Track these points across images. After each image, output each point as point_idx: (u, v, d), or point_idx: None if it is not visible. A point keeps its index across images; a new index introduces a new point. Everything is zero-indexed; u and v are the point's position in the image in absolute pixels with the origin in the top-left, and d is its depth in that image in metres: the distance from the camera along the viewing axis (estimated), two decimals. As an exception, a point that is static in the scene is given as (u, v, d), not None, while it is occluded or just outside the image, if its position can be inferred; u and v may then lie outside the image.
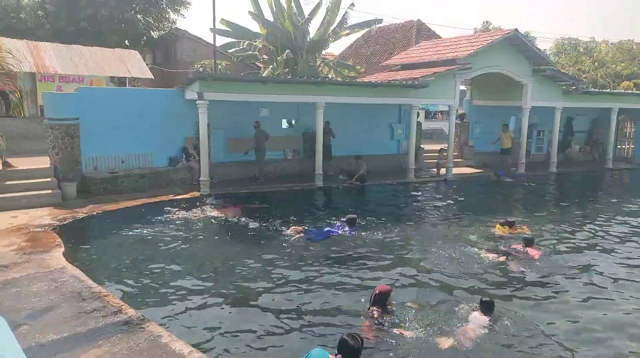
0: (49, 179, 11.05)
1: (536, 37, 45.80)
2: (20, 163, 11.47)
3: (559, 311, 6.44)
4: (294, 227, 9.47)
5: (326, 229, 9.57)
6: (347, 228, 9.48)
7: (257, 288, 6.84)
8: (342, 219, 9.97)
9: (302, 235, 9.15)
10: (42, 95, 13.17)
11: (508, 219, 10.14)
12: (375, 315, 5.71)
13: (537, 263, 8.12)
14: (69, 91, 14.07)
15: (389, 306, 5.87)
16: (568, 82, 18.37)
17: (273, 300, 6.48)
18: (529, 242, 8.54)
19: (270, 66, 22.29)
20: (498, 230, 9.95)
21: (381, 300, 5.81)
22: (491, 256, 8.38)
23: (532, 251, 8.42)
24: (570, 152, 20.95)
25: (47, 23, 24.41)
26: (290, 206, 12.15)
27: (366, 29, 26.18)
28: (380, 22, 24.42)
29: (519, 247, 8.58)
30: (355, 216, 9.82)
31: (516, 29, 16.33)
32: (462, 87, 18.67)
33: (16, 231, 8.48)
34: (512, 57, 16.77)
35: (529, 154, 19.16)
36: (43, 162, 11.66)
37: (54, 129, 11.40)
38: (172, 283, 6.91)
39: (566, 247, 9.31)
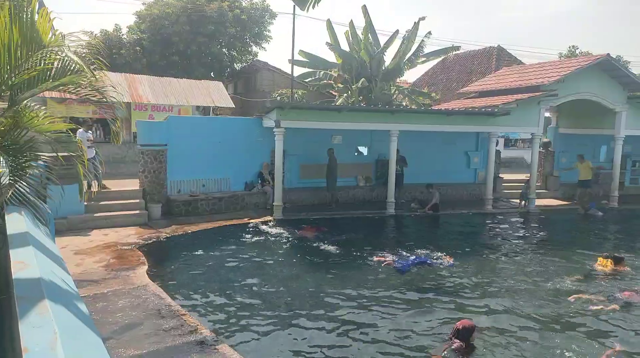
0: (137, 201, 11.90)
1: (630, 62, 42.61)
2: (114, 185, 12.47)
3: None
4: (377, 258, 9.43)
5: (412, 259, 9.42)
6: (430, 261, 9.37)
7: (333, 313, 6.79)
8: (424, 251, 9.94)
9: (389, 263, 9.11)
10: (135, 123, 14.34)
11: (616, 254, 9.28)
12: (456, 346, 5.54)
13: None
14: (159, 119, 15.20)
15: (472, 343, 5.66)
16: (669, 109, 16.78)
17: (346, 328, 6.39)
18: None
19: (345, 94, 22.63)
20: (600, 263, 9.17)
21: (464, 336, 5.61)
22: (594, 299, 7.59)
23: None
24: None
25: (143, 57, 26.79)
26: (363, 233, 12.04)
27: (443, 56, 25.86)
28: (458, 49, 24.00)
29: (634, 293, 7.69)
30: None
31: (608, 54, 15.32)
32: (547, 114, 17.72)
33: (106, 248, 9.17)
34: (603, 84, 15.71)
35: (622, 187, 17.62)
36: (133, 184, 12.60)
37: (145, 154, 12.31)
38: (245, 305, 7.05)
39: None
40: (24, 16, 4.01)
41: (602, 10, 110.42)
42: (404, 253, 9.78)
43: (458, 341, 5.60)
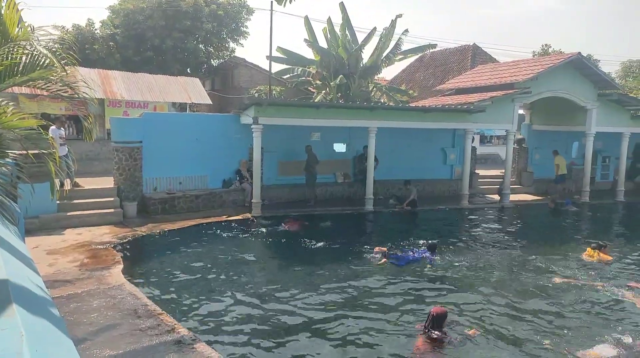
0: (112, 199, 11.66)
1: (600, 60, 43.90)
2: (87, 183, 12.19)
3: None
4: (378, 248, 9.51)
5: (410, 254, 9.55)
6: (427, 254, 9.50)
7: (312, 310, 6.79)
8: (422, 243, 10.15)
9: (385, 259, 9.12)
10: (109, 120, 14.03)
11: (600, 242, 9.70)
12: (436, 337, 5.76)
13: None
14: (134, 116, 14.91)
15: (444, 329, 5.90)
16: (637, 106, 17.35)
17: (323, 326, 6.41)
18: None
19: (323, 91, 22.64)
20: (587, 253, 9.59)
21: (439, 322, 5.85)
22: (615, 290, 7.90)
23: None
24: (640, 180, 19.60)
25: (117, 53, 26.23)
26: (343, 229, 12.08)
27: (420, 54, 26.12)
28: (435, 47, 24.29)
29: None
30: (436, 242, 9.89)
31: (579, 53, 15.72)
32: (521, 112, 18.09)
33: (80, 248, 8.95)
34: (575, 81, 16.11)
35: (593, 182, 18.13)
36: (107, 182, 12.34)
37: (119, 151, 12.07)
38: (223, 303, 7.00)
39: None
40: (-10, 8, 3.87)
41: (573, 10, 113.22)
42: (399, 252, 9.84)
43: (436, 332, 5.78)
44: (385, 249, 9.53)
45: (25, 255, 3.00)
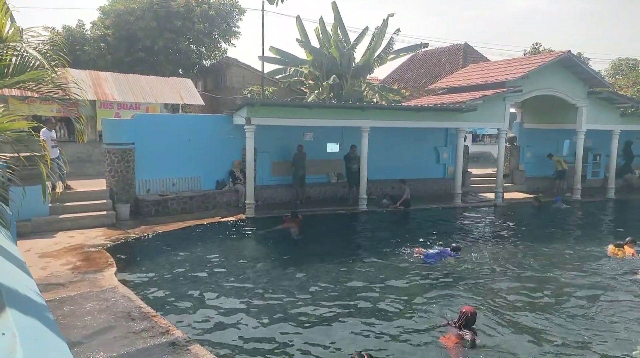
0: (104, 201, 11.59)
1: (590, 59, 44.34)
2: (79, 186, 12.10)
3: None
4: (418, 248, 9.73)
5: (438, 252, 9.75)
6: (452, 253, 9.75)
7: (306, 310, 6.80)
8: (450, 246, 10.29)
9: (421, 256, 9.41)
10: (101, 121, 13.94)
11: (629, 238, 9.88)
12: (469, 337, 5.77)
13: None
14: (126, 118, 14.83)
15: (474, 327, 5.97)
16: (626, 104, 17.52)
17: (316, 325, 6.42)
18: None
19: (316, 91, 22.64)
20: (612, 251, 9.72)
21: (472, 322, 5.92)
22: None
23: None
24: (630, 178, 19.81)
25: (108, 54, 26.08)
26: (338, 229, 12.09)
27: (412, 53, 26.20)
28: (426, 46, 24.39)
29: None
30: (460, 245, 10.09)
31: (569, 51, 15.85)
32: (512, 110, 18.21)
33: (72, 250, 8.90)
34: (565, 80, 16.24)
35: (584, 180, 18.30)
36: (100, 184, 12.26)
37: (111, 153, 12.00)
38: (217, 305, 6.98)
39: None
40: (-21, 10, 3.84)
41: (563, 9, 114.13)
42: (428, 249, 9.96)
43: (469, 332, 5.82)
44: (420, 249, 9.68)
45: (18, 258, 2.98)
